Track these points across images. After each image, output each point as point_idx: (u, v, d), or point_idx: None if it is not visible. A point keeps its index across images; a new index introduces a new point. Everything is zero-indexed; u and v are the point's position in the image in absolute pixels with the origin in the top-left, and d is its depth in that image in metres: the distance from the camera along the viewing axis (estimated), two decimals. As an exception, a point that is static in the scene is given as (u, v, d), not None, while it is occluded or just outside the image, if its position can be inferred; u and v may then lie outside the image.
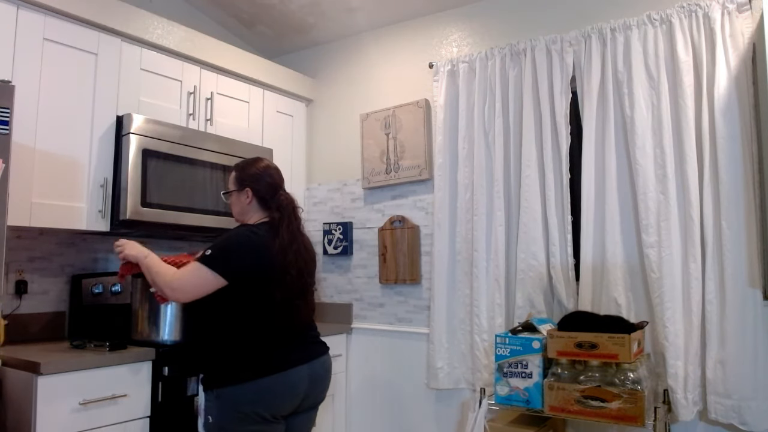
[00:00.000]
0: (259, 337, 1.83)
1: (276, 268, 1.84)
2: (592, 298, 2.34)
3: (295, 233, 1.92)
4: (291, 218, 1.93)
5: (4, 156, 1.73)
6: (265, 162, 2.04)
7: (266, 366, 1.79)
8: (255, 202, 1.96)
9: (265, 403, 1.78)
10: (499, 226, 2.56)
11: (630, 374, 1.94)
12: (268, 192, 1.96)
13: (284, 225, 1.90)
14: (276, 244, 1.85)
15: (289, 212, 1.94)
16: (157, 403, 2.11)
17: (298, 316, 1.92)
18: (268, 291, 1.84)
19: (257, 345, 1.82)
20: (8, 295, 2.32)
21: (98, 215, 2.31)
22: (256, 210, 1.97)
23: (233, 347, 1.82)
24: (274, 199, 1.95)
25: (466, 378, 2.65)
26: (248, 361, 1.79)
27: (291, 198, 1.99)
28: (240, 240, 1.86)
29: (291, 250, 1.87)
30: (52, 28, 2.21)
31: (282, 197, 1.96)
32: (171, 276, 1.82)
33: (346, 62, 3.32)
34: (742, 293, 2.06)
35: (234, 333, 1.83)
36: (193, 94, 2.71)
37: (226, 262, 1.80)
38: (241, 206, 1.99)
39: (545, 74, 2.51)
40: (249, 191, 1.96)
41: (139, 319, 2.29)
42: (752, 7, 2.12)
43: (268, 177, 1.98)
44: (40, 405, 1.81)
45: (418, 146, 2.92)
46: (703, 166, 2.16)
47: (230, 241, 1.86)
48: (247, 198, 1.96)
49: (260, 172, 1.98)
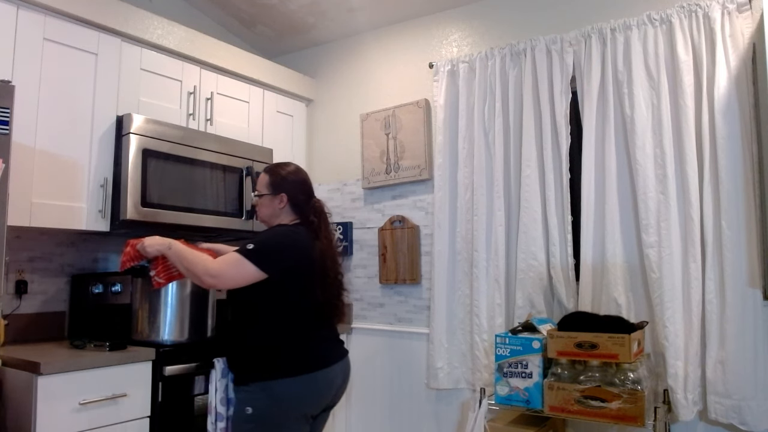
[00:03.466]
0: (303, 333, 1.90)
1: (316, 268, 1.92)
2: (592, 298, 2.34)
3: (330, 239, 2.02)
4: (326, 223, 2.03)
5: (4, 156, 1.73)
6: (296, 166, 2.10)
7: (312, 362, 1.87)
8: (288, 207, 2.01)
9: (308, 399, 1.85)
10: (499, 226, 2.56)
11: (630, 374, 1.94)
12: (303, 199, 2.02)
13: (322, 230, 1.99)
14: (317, 247, 1.94)
15: (324, 218, 2.03)
16: (157, 403, 2.11)
17: (336, 315, 2.01)
18: (310, 289, 1.91)
19: (302, 341, 1.89)
20: (8, 295, 2.32)
21: (98, 215, 2.31)
22: (287, 213, 2.02)
23: (280, 342, 1.87)
24: (308, 206, 2.02)
25: (466, 378, 2.65)
26: (295, 356, 1.86)
27: (322, 204, 2.07)
28: (282, 237, 1.93)
29: (329, 255, 1.97)
30: (52, 28, 2.21)
31: (316, 204, 2.04)
32: (210, 263, 1.85)
33: (346, 62, 3.32)
34: (742, 293, 2.06)
35: (279, 328, 1.88)
36: (193, 94, 2.71)
37: (268, 256, 1.85)
38: (272, 209, 2.03)
39: (545, 74, 2.51)
40: (284, 197, 2.01)
41: (139, 319, 2.29)
42: (752, 7, 2.12)
43: (303, 184, 2.05)
44: (40, 405, 1.81)
45: (418, 146, 2.92)
46: (703, 166, 2.16)
47: (273, 238, 1.93)
48: (281, 203, 2.01)
49: (296, 180, 2.04)
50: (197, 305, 2.33)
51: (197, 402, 2.23)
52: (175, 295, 2.28)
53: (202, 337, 2.34)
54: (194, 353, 2.22)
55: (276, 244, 1.91)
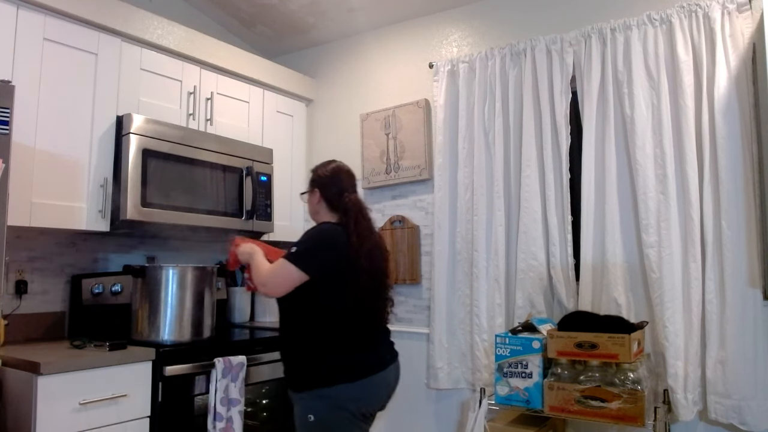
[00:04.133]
0: (352, 336, 1.89)
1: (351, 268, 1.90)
2: (592, 298, 2.34)
3: (364, 235, 1.95)
4: (358, 219, 1.97)
5: (4, 156, 1.73)
6: (335, 164, 2.11)
7: (368, 366, 1.88)
8: (323, 203, 2.04)
9: (366, 401, 1.87)
10: (499, 226, 2.56)
11: (630, 374, 1.94)
12: (334, 194, 2.02)
13: (351, 227, 1.94)
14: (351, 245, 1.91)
15: (355, 214, 1.97)
16: (157, 403, 2.11)
17: (382, 316, 2.00)
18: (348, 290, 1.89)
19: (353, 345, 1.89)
20: (8, 295, 2.32)
21: (98, 215, 2.31)
22: (326, 211, 2.04)
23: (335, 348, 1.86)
24: (340, 201, 2.00)
25: (466, 378, 2.65)
26: (347, 361, 1.85)
27: (357, 199, 2.03)
28: (320, 236, 1.93)
29: (363, 252, 1.91)
30: (52, 28, 2.21)
31: (347, 199, 2.00)
32: (263, 273, 1.93)
33: (346, 62, 3.32)
34: (742, 293, 2.06)
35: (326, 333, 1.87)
36: (193, 94, 2.71)
37: (308, 257, 1.87)
38: (312, 206, 2.09)
39: (545, 74, 2.51)
40: (317, 192, 2.05)
41: (139, 319, 2.29)
42: (752, 7, 2.12)
43: (336, 179, 2.04)
44: (40, 405, 1.81)
45: (418, 146, 2.92)
46: (703, 166, 2.16)
47: (309, 237, 1.94)
48: (316, 198, 2.05)
49: (328, 175, 2.05)
50: (197, 305, 2.34)
51: (197, 402, 2.23)
52: (175, 295, 2.29)
53: (202, 337, 2.34)
54: (194, 353, 2.22)
55: (311, 242, 1.92)
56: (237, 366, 2.26)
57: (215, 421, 2.16)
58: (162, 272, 2.29)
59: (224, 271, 3.08)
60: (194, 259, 3.05)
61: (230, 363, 2.24)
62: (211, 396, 2.18)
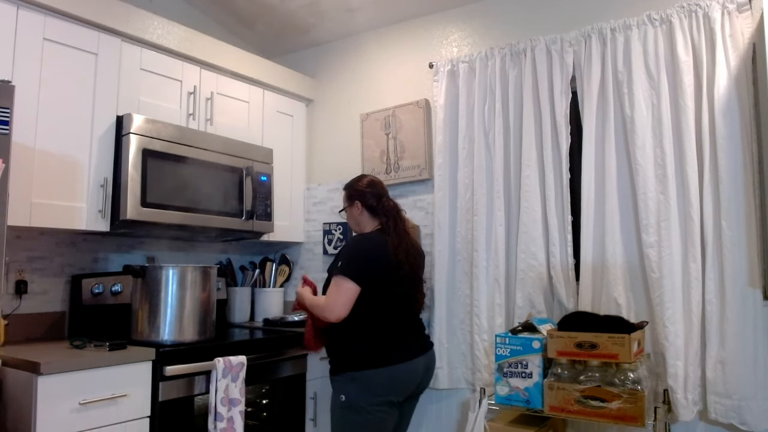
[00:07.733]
0: (386, 328, 2.13)
1: (392, 266, 2.13)
2: (592, 298, 2.34)
3: (401, 234, 2.24)
4: (397, 220, 2.26)
5: (4, 156, 1.73)
6: (368, 177, 2.37)
7: (394, 355, 2.09)
8: (365, 212, 2.28)
9: (391, 388, 2.08)
10: (499, 226, 2.56)
11: (630, 374, 1.94)
12: (374, 200, 2.27)
13: (392, 227, 2.22)
14: (390, 245, 2.15)
15: (395, 215, 2.27)
16: (157, 403, 2.11)
17: (415, 308, 2.27)
18: (391, 287, 2.13)
19: (385, 336, 2.12)
20: (8, 295, 2.32)
21: (98, 215, 2.31)
22: (368, 219, 2.29)
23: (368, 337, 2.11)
24: (380, 206, 2.26)
25: (466, 378, 2.65)
26: (377, 350, 2.09)
27: (394, 203, 2.32)
28: (358, 246, 2.18)
29: (401, 249, 2.17)
30: (52, 28, 2.21)
31: (386, 202, 2.28)
32: (322, 303, 2.12)
33: (346, 62, 3.32)
34: (742, 293, 2.06)
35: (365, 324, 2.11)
36: (193, 94, 2.71)
37: (354, 268, 2.08)
38: (354, 218, 2.32)
39: (545, 74, 2.51)
40: (358, 203, 2.29)
41: (139, 319, 2.29)
42: (752, 7, 2.12)
43: (372, 188, 2.30)
44: (40, 405, 1.81)
45: (418, 146, 2.92)
46: (703, 166, 2.16)
47: (351, 250, 2.17)
48: (358, 210, 2.29)
49: (365, 186, 2.31)
50: (197, 305, 2.33)
51: (197, 402, 2.23)
52: (175, 295, 2.28)
53: (201, 337, 2.34)
54: (194, 353, 2.22)
55: (353, 252, 2.14)
56: (237, 366, 2.26)
57: (216, 421, 2.16)
58: (162, 272, 2.28)
59: (224, 271, 3.10)
60: (194, 259, 3.05)
61: (230, 363, 2.24)
62: (211, 396, 2.18)
